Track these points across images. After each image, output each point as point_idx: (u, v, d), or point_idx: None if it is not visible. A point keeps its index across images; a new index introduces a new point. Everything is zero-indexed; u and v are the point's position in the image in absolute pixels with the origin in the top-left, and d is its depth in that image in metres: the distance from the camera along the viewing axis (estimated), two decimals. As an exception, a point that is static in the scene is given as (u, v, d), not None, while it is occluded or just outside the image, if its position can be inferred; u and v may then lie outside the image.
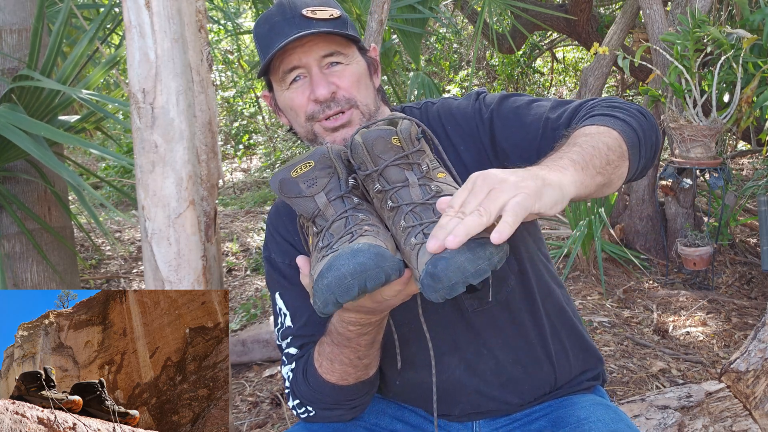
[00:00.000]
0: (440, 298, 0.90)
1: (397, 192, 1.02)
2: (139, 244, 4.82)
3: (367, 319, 1.12)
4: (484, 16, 3.93)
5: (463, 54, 8.96)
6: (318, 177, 1.06)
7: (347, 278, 0.92)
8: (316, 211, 1.05)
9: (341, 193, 1.05)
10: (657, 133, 1.18)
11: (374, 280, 0.92)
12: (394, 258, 0.95)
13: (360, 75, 1.27)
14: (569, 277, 3.67)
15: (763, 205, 3.38)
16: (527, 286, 1.35)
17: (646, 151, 1.14)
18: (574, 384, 1.40)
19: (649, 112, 1.19)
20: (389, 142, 1.04)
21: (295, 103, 1.26)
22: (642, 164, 1.14)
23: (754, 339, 1.97)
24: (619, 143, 1.07)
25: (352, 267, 0.92)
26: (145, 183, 1.42)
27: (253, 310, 3.57)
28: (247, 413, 2.63)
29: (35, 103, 2.41)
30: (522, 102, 1.29)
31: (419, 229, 0.96)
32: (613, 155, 1.04)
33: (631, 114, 1.14)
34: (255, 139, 8.52)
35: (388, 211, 1.02)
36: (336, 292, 0.92)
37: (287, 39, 1.20)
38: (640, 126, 1.13)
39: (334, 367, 1.21)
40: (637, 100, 7.77)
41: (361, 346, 1.18)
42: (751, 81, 3.19)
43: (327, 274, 0.93)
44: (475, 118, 1.30)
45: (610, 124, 1.10)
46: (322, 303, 0.94)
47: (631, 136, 1.10)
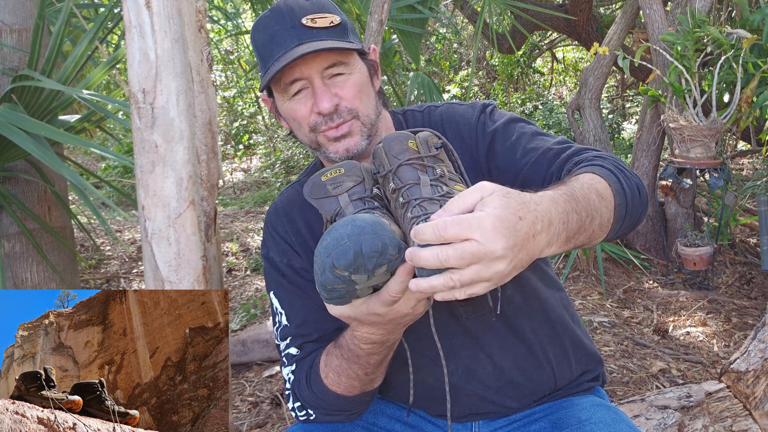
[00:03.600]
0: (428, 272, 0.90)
1: (408, 189, 1.04)
2: (139, 244, 4.82)
3: (381, 337, 1.11)
4: (484, 16, 3.93)
5: (463, 54, 8.96)
6: (344, 181, 1.10)
7: (344, 239, 0.92)
8: (338, 210, 1.09)
9: (363, 196, 1.09)
10: (643, 211, 1.19)
11: (371, 245, 0.92)
12: (394, 234, 0.96)
13: (362, 84, 1.27)
14: (569, 277, 3.67)
15: (763, 205, 3.38)
16: (526, 292, 1.35)
17: (625, 227, 1.15)
18: (573, 386, 1.40)
19: (645, 189, 1.20)
20: (405, 144, 1.08)
21: (298, 114, 1.26)
22: (613, 237, 1.16)
23: (754, 339, 1.97)
24: (609, 216, 1.08)
25: (350, 229, 0.93)
26: (145, 183, 1.42)
27: (253, 310, 3.57)
28: (247, 413, 2.63)
29: (35, 103, 2.41)
30: (528, 130, 1.30)
31: (422, 219, 0.98)
32: (599, 230, 1.06)
33: (630, 185, 1.14)
34: (255, 139, 8.52)
35: (400, 208, 1.04)
36: (332, 254, 0.92)
37: (287, 50, 1.20)
38: (633, 203, 1.13)
39: (341, 380, 1.21)
40: (637, 100, 7.77)
41: (370, 364, 1.17)
42: (751, 81, 3.20)
43: (326, 237, 0.95)
44: (477, 129, 1.31)
45: (614, 188, 1.10)
46: (319, 268, 0.94)
47: (622, 211, 1.11)
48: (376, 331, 1.09)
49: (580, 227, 0.98)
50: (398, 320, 1.06)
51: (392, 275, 0.98)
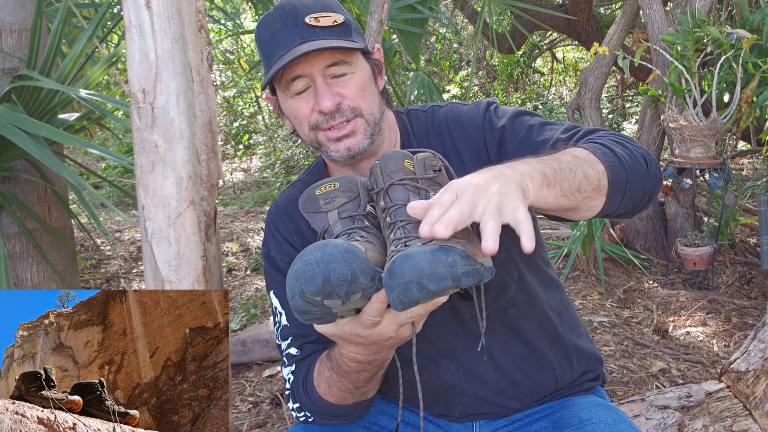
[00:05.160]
0: (398, 303, 0.88)
1: (396, 210, 1.02)
2: (139, 244, 4.82)
3: (367, 357, 1.10)
4: (484, 16, 3.93)
5: (463, 54, 8.96)
6: (337, 196, 1.09)
7: (312, 266, 0.90)
8: (326, 227, 1.08)
9: (353, 214, 1.07)
10: (655, 183, 1.17)
11: (339, 274, 0.89)
12: (368, 262, 0.93)
13: (365, 83, 1.26)
14: (569, 277, 3.67)
15: (763, 205, 3.38)
16: (527, 293, 1.34)
17: (633, 196, 1.13)
18: (574, 385, 1.40)
19: (655, 161, 1.17)
20: (401, 164, 1.07)
21: (300, 112, 1.25)
22: (625, 206, 1.14)
23: (754, 339, 1.97)
24: (600, 177, 1.07)
25: (320, 255, 0.91)
26: (145, 183, 1.42)
27: (253, 310, 3.57)
28: (247, 413, 2.62)
29: (35, 103, 2.41)
30: (535, 122, 1.30)
31: (403, 241, 0.96)
32: (588, 185, 1.05)
33: (631, 155, 1.12)
34: (255, 139, 8.52)
35: (386, 228, 1.03)
36: (301, 278, 0.90)
37: (290, 48, 1.20)
38: (634, 169, 1.11)
39: (332, 391, 1.20)
40: (637, 100, 7.77)
41: (359, 380, 1.17)
42: (751, 81, 3.19)
43: (297, 261, 0.93)
44: (484, 127, 1.31)
45: (600, 155, 1.09)
46: (290, 293, 0.92)
47: (617, 174, 1.09)
48: (362, 351, 1.09)
49: (555, 174, 1.01)
50: (382, 342, 1.05)
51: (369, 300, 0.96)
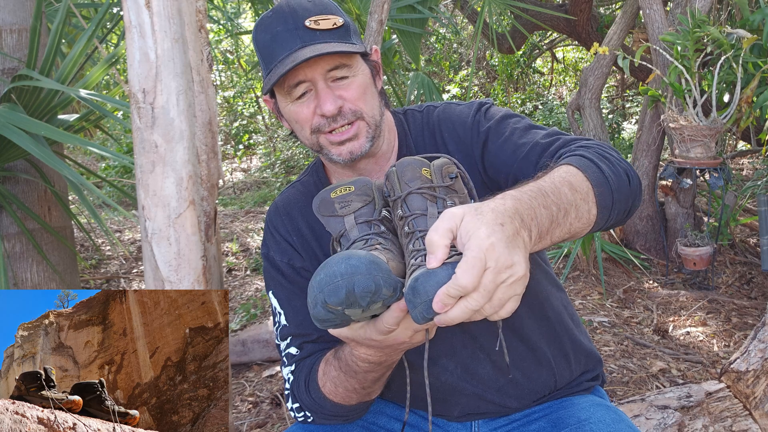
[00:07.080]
0: (421, 318, 0.88)
1: (414, 219, 1.02)
2: (139, 244, 4.82)
3: (378, 359, 1.11)
4: (484, 16, 3.93)
5: (463, 54, 8.96)
6: (353, 200, 1.09)
7: (337, 278, 0.91)
8: (342, 231, 1.07)
9: (369, 219, 1.07)
10: (635, 198, 1.16)
11: (363, 287, 0.90)
12: (390, 273, 0.93)
13: (365, 85, 1.26)
14: (569, 277, 3.67)
15: (763, 205, 3.38)
16: (526, 293, 1.34)
17: (617, 215, 1.12)
18: (573, 385, 1.40)
19: (636, 175, 1.16)
20: (419, 171, 1.06)
21: (301, 116, 1.25)
22: (606, 226, 1.13)
23: (754, 339, 1.97)
24: (590, 207, 1.05)
25: (344, 267, 0.91)
26: (145, 183, 1.42)
27: (253, 310, 3.57)
28: (247, 413, 2.63)
29: (35, 103, 2.41)
30: (521, 125, 1.29)
31: (423, 253, 0.96)
32: (578, 225, 1.04)
33: (615, 172, 1.11)
34: (255, 139, 8.52)
35: (404, 237, 1.02)
36: (325, 290, 0.91)
37: (291, 51, 1.19)
38: (619, 189, 1.10)
39: (338, 390, 1.21)
40: (637, 100, 7.77)
41: (367, 380, 1.18)
42: (751, 81, 3.19)
43: (320, 271, 0.93)
44: (473, 129, 1.31)
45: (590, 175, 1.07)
46: (312, 302, 0.93)
47: (605, 199, 1.08)
48: (374, 353, 1.09)
49: (552, 222, 0.97)
50: (396, 347, 1.06)
51: (388, 308, 0.97)
